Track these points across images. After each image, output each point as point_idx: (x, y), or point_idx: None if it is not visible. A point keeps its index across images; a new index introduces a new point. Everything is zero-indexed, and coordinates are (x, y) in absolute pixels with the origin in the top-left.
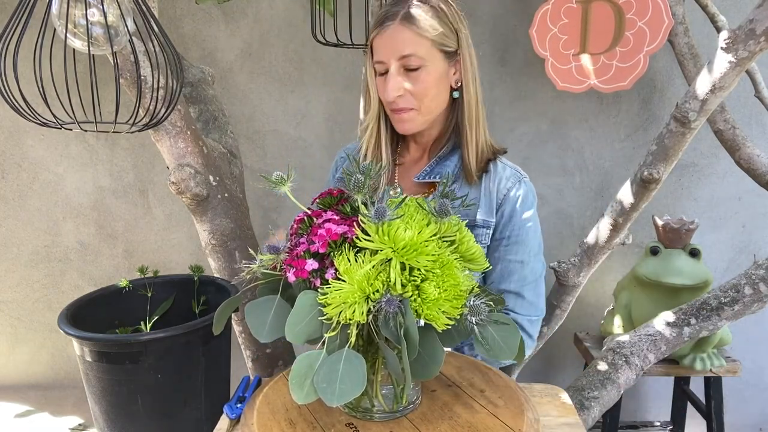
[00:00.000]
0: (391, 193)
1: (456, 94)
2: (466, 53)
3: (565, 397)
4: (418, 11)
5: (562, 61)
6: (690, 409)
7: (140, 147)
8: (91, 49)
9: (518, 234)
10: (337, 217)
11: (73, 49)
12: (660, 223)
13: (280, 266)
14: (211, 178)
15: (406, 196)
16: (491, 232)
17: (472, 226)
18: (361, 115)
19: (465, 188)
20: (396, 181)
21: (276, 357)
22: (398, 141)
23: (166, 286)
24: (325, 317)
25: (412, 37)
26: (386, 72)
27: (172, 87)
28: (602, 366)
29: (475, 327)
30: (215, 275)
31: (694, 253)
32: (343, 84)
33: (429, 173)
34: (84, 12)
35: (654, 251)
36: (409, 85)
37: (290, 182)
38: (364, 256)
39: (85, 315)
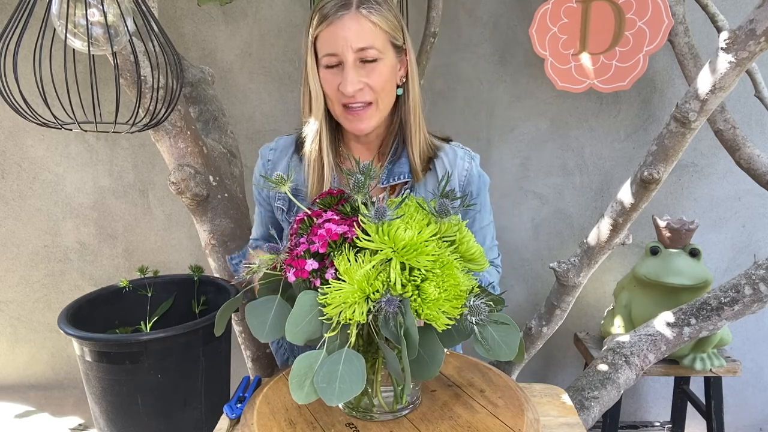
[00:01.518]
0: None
1: (400, 91)
2: (410, 49)
3: (565, 397)
4: (371, 2)
5: (561, 61)
6: (690, 409)
7: (140, 147)
8: (91, 49)
9: (483, 203)
10: (337, 217)
11: (73, 49)
12: (660, 223)
13: (280, 266)
14: (211, 178)
15: (406, 196)
16: None
17: None
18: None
19: (415, 187)
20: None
21: None
22: (337, 144)
23: (166, 286)
24: (325, 317)
25: (371, 27)
26: (336, 65)
27: (172, 87)
28: (602, 366)
29: (475, 327)
30: (215, 275)
31: (694, 253)
32: None
33: (389, 175)
34: (84, 12)
35: (654, 251)
36: (366, 78)
37: (290, 182)
38: (364, 256)
39: (85, 315)
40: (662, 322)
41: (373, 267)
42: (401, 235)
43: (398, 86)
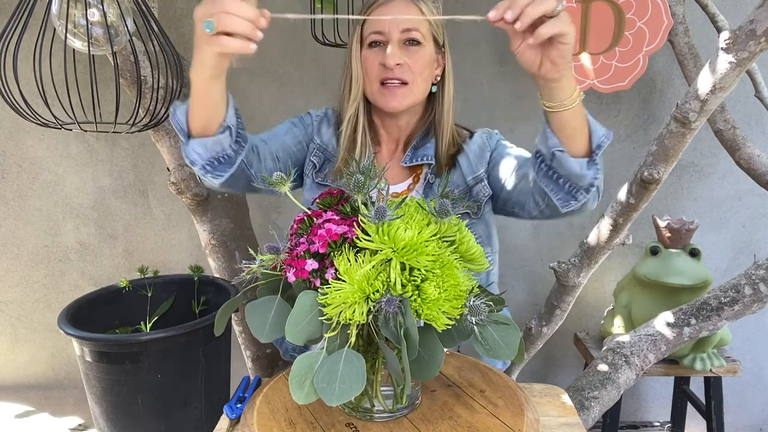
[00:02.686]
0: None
1: (434, 89)
2: (448, 51)
3: (565, 397)
4: None
5: None
6: (690, 409)
7: (140, 147)
8: (91, 49)
9: (508, 148)
10: (337, 217)
11: (73, 49)
12: (660, 223)
13: (280, 266)
14: None
15: (405, 196)
16: (486, 181)
17: (470, 188)
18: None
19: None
20: None
21: (276, 357)
22: (368, 130)
23: (166, 286)
24: (325, 317)
25: (418, 13)
26: (379, 45)
27: (172, 87)
28: (602, 366)
29: (475, 327)
30: (215, 275)
31: (694, 253)
32: None
33: (413, 157)
34: (84, 12)
35: (654, 251)
36: (407, 58)
37: (290, 182)
38: (364, 256)
39: (85, 315)
40: (662, 322)
41: (373, 267)
42: (401, 235)
43: (434, 84)
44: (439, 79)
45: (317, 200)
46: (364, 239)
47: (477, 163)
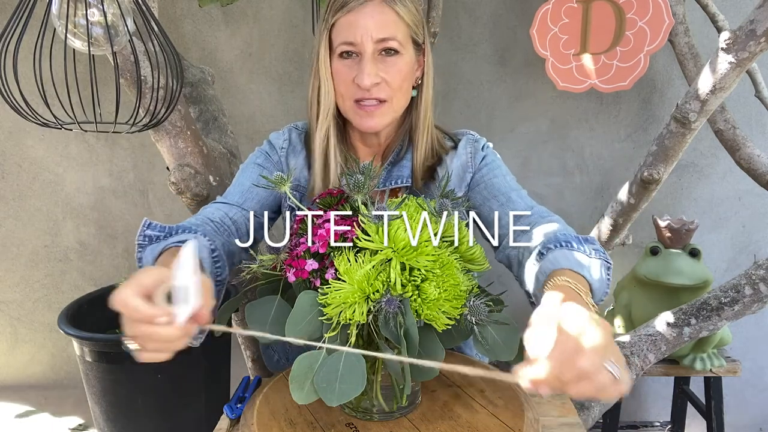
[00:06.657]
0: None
1: (414, 93)
2: (429, 49)
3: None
4: None
5: (562, 61)
6: (690, 409)
7: (140, 147)
8: (91, 49)
9: (501, 169)
10: (337, 217)
11: (73, 49)
12: (660, 223)
13: (280, 266)
14: (211, 178)
15: (405, 197)
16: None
17: None
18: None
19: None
20: None
21: None
22: (343, 145)
23: None
24: (325, 317)
25: (394, 18)
26: (352, 56)
27: (172, 87)
28: None
29: (475, 327)
30: None
31: (694, 253)
32: None
33: (387, 179)
34: (84, 12)
35: (654, 251)
36: (384, 73)
37: (290, 182)
38: (364, 256)
39: (85, 315)
40: (662, 322)
41: (373, 267)
42: (401, 235)
43: (413, 87)
44: (419, 82)
45: (317, 200)
46: (364, 239)
47: (457, 184)
